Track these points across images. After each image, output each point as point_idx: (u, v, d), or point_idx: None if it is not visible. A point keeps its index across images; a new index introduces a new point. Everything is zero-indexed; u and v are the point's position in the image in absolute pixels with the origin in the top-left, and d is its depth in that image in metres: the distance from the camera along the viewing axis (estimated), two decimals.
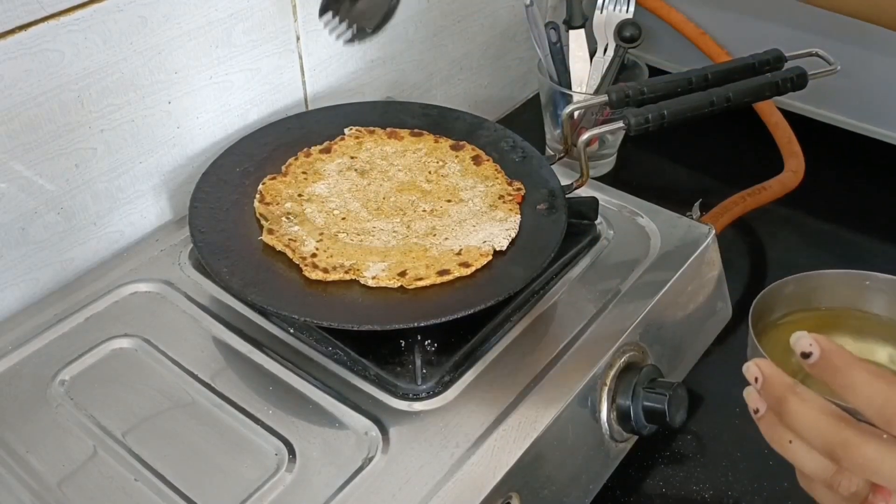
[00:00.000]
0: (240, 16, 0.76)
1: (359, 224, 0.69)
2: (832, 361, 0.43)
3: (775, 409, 0.45)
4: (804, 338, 0.43)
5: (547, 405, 0.59)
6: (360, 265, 0.65)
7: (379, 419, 0.58)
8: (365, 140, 0.78)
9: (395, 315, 0.61)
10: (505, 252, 0.66)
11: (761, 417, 0.46)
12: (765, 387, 0.45)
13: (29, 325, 0.65)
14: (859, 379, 0.42)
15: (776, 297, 0.68)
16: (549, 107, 0.97)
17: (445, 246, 0.67)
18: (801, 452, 0.44)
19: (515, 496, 0.56)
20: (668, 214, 0.76)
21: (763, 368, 0.46)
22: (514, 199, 0.71)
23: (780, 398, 0.44)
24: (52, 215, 0.70)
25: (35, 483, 0.55)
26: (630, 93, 0.70)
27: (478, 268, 0.65)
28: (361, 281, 0.64)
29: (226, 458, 0.57)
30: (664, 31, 1.05)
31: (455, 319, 0.60)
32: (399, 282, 0.63)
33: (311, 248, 0.66)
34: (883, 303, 0.69)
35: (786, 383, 0.45)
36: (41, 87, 0.65)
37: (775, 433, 0.45)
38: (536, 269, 0.64)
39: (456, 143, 0.77)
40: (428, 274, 0.64)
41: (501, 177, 0.74)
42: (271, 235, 0.67)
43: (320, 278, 0.64)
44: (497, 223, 0.69)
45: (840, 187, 0.99)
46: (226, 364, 0.63)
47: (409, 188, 0.73)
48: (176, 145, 0.77)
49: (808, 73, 0.71)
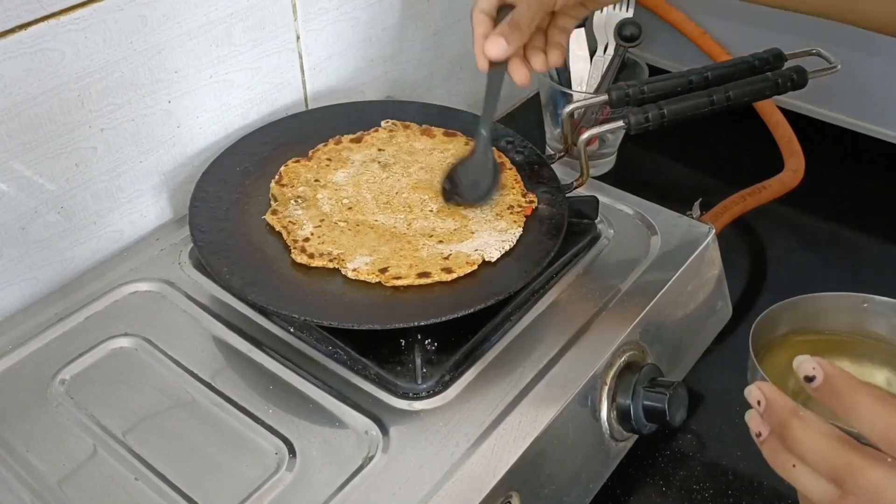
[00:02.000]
0: (240, 15, 0.76)
1: (362, 216, 0.70)
2: (835, 385, 0.43)
3: (778, 433, 0.45)
4: (807, 362, 0.43)
5: (547, 404, 0.59)
6: (347, 256, 0.65)
7: (379, 418, 0.58)
8: (398, 134, 0.78)
9: (396, 314, 0.61)
10: (495, 263, 0.66)
11: (764, 441, 0.46)
12: (767, 410, 0.45)
13: (29, 325, 0.65)
14: (863, 403, 0.42)
15: (775, 319, 0.68)
16: (549, 106, 0.97)
17: (436, 249, 0.66)
18: (805, 477, 0.44)
19: (515, 495, 0.56)
20: (669, 214, 0.76)
21: (765, 392, 0.45)
22: (523, 212, 0.70)
23: (783, 422, 0.44)
24: (52, 215, 0.70)
25: (35, 482, 0.55)
26: (630, 92, 0.70)
27: (460, 275, 0.64)
28: (343, 271, 0.64)
29: (226, 457, 0.57)
30: (664, 31, 1.05)
31: (455, 318, 0.60)
32: (378, 278, 0.63)
33: (306, 233, 0.67)
34: (881, 325, 0.69)
35: (789, 407, 0.44)
36: (41, 86, 0.65)
37: (778, 457, 0.45)
38: (536, 269, 0.64)
39: None
40: (408, 274, 0.64)
41: (518, 187, 0.73)
42: (274, 216, 0.69)
43: (304, 262, 0.65)
44: (497, 233, 0.68)
45: (840, 187, 0.99)
46: (226, 363, 0.63)
47: (424, 186, 0.73)
48: (176, 145, 0.77)
49: (808, 71, 0.71)
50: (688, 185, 1.00)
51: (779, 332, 0.68)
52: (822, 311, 0.69)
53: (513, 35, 0.66)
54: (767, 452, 0.46)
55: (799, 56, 0.74)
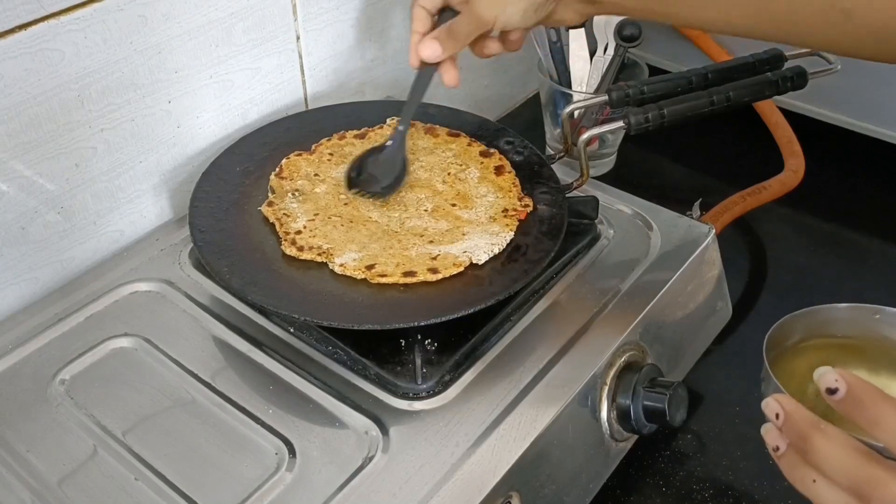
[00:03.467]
0: (240, 15, 0.76)
1: (357, 212, 0.70)
2: (859, 397, 0.41)
3: (798, 447, 0.44)
4: (829, 373, 0.42)
5: (547, 404, 0.59)
6: (336, 250, 0.65)
7: (379, 418, 0.58)
8: None
9: (395, 314, 0.61)
10: (495, 263, 0.65)
11: (781, 456, 0.45)
12: (787, 423, 0.44)
13: (29, 325, 0.65)
14: (888, 415, 0.41)
15: (787, 329, 0.67)
16: (549, 106, 0.97)
17: (425, 249, 0.66)
18: (826, 491, 0.42)
19: (516, 495, 0.56)
20: (669, 214, 0.76)
21: (784, 404, 0.44)
22: (517, 216, 0.69)
23: (803, 435, 0.43)
24: (52, 214, 0.70)
25: (35, 482, 0.55)
26: (630, 92, 0.70)
27: (445, 276, 0.64)
28: (330, 265, 0.64)
29: (226, 457, 0.57)
30: (664, 31, 1.05)
31: (455, 319, 0.60)
32: (364, 274, 0.64)
33: (298, 226, 0.68)
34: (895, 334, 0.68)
35: (809, 419, 0.43)
36: (41, 86, 0.65)
37: (797, 472, 0.44)
38: (536, 269, 0.64)
39: (486, 149, 0.76)
40: (394, 272, 0.64)
41: (516, 190, 0.72)
42: (269, 207, 0.70)
43: (293, 255, 0.65)
44: (488, 236, 0.67)
45: (840, 187, 0.99)
46: (226, 363, 0.63)
47: (422, 185, 0.73)
48: (176, 145, 0.77)
49: (808, 72, 0.71)
50: (688, 185, 1.00)
51: (791, 340, 0.68)
52: (835, 321, 0.68)
53: (448, 42, 0.68)
54: (786, 467, 0.44)
55: (799, 56, 0.74)
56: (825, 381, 0.42)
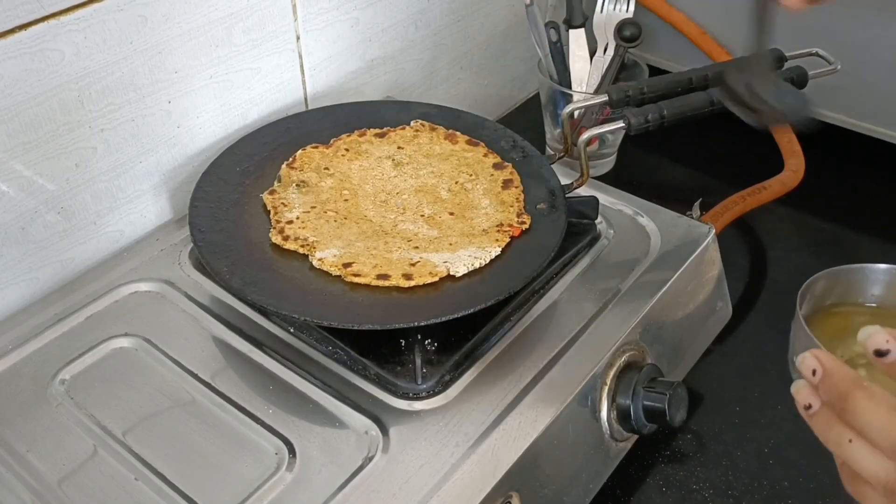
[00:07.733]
0: (240, 15, 0.76)
1: (355, 209, 0.70)
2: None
3: (836, 406, 0.41)
4: (878, 333, 0.40)
5: (547, 404, 0.59)
6: (320, 245, 0.66)
7: (379, 418, 0.58)
8: (422, 135, 0.78)
9: (395, 314, 0.61)
10: (458, 279, 0.64)
11: (814, 414, 0.42)
12: (825, 381, 0.41)
13: (29, 325, 0.65)
14: None
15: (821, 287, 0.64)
16: (549, 106, 0.97)
17: (407, 254, 0.66)
18: (863, 453, 0.40)
19: (515, 495, 0.56)
20: (668, 214, 0.76)
21: (823, 361, 0.41)
22: (510, 232, 0.68)
23: (843, 393, 0.40)
24: (52, 215, 0.70)
25: (35, 482, 0.55)
26: (630, 92, 0.70)
27: (418, 284, 0.63)
28: (310, 258, 0.65)
29: (226, 457, 0.57)
30: (664, 31, 1.05)
31: (455, 319, 0.60)
32: (339, 271, 0.64)
33: (292, 216, 0.69)
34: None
35: (851, 377, 0.41)
36: (41, 86, 0.65)
37: (832, 431, 0.41)
38: (537, 268, 0.64)
39: (501, 162, 0.75)
40: (369, 273, 0.64)
41: (517, 206, 0.71)
42: (270, 195, 0.71)
43: (278, 243, 0.66)
44: (474, 249, 0.66)
45: (840, 187, 0.99)
46: (226, 363, 0.63)
47: (427, 191, 0.73)
48: (176, 145, 0.77)
49: (808, 72, 0.71)
50: (688, 185, 1.00)
51: (822, 301, 0.65)
52: (871, 282, 0.65)
53: None
54: (819, 426, 0.42)
55: (799, 57, 0.74)
56: (874, 342, 0.40)
